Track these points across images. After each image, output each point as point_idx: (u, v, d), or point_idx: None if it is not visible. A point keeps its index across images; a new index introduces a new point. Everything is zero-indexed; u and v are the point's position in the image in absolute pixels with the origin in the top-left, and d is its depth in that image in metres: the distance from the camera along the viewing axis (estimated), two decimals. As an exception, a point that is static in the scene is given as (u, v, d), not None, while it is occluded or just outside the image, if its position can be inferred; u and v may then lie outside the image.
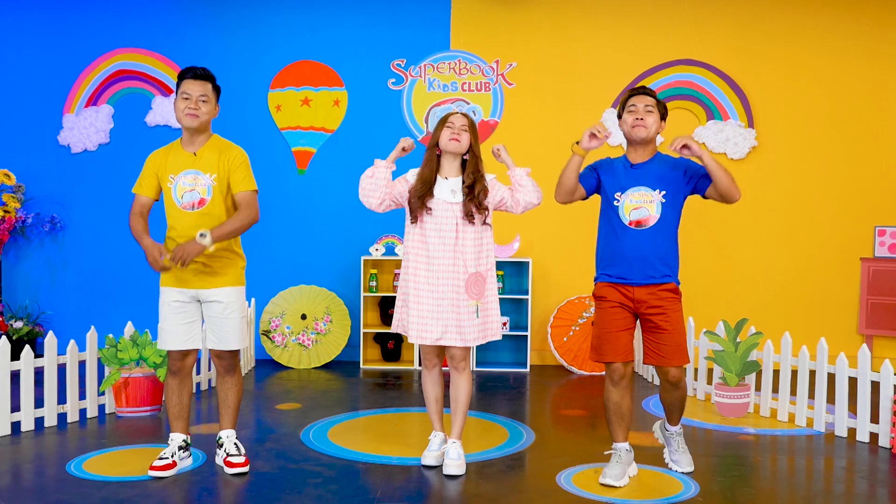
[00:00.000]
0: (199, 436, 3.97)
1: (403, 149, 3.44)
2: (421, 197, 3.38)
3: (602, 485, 3.28)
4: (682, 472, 3.44)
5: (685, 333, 3.26)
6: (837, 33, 6.27)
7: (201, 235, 3.16)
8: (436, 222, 3.38)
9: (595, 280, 3.40)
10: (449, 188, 3.40)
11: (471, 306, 3.36)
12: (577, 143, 3.22)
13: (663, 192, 3.22)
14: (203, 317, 3.42)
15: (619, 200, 3.26)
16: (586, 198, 3.40)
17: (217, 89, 3.36)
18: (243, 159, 3.34)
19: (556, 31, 6.36)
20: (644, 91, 3.32)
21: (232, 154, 3.33)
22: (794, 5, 6.29)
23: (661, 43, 6.32)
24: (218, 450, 3.52)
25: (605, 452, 3.53)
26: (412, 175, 3.48)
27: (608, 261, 3.30)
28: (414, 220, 3.42)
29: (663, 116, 3.33)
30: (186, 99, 3.26)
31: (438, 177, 3.42)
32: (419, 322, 3.38)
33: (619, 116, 3.36)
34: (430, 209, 3.37)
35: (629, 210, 3.24)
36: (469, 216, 3.36)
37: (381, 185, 3.39)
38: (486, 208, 3.41)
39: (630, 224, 3.23)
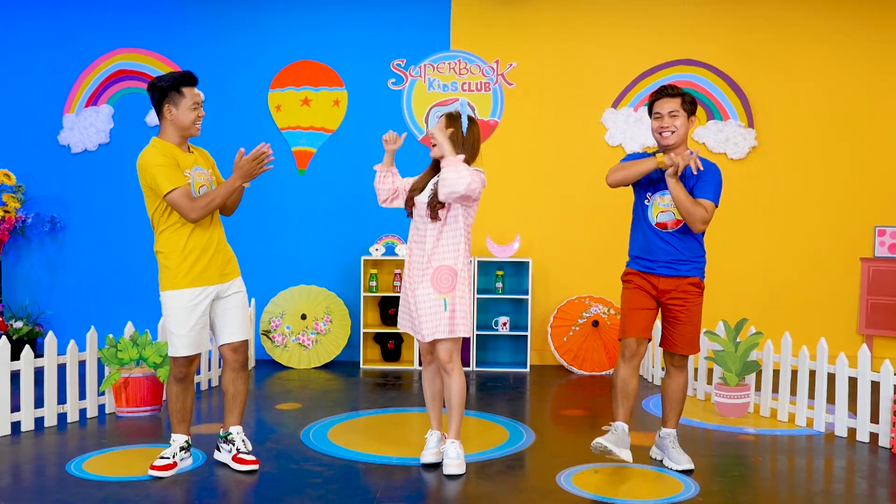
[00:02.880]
0: (199, 436, 3.97)
1: (387, 142, 3.56)
2: (410, 193, 3.53)
3: (594, 447, 3.23)
4: (682, 470, 3.43)
5: (700, 325, 3.48)
6: (837, 33, 6.27)
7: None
8: (415, 222, 3.51)
9: (626, 265, 3.56)
10: (429, 188, 3.48)
11: (438, 300, 3.37)
12: (663, 158, 3.24)
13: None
14: (215, 314, 3.41)
15: (649, 201, 3.40)
16: (628, 184, 3.47)
17: None
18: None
19: (556, 31, 6.36)
20: (668, 93, 3.35)
21: (206, 153, 3.54)
22: (795, 5, 6.29)
23: (661, 43, 6.32)
24: (223, 445, 3.51)
25: (604, 427, 3.50)
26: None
27: (637, 253, 3.48)
28: (409, 215, 3.56)
29: (692, 111, 3.38)
30: (196, 108, 3.31)
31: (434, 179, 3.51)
32: (401, 315, 3.58)
33: (650, 115, 3.46)
34: (415, 205, 3.49)
35: (657, 213, 3.38)
36: (432, 212, 3.37)
37: (384, 185, 3.58)
38: (442, 203, 3.36)
39: (657, 226, 3.38)
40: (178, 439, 3.44)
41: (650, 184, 3.40)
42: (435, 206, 3.36)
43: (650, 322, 3.43)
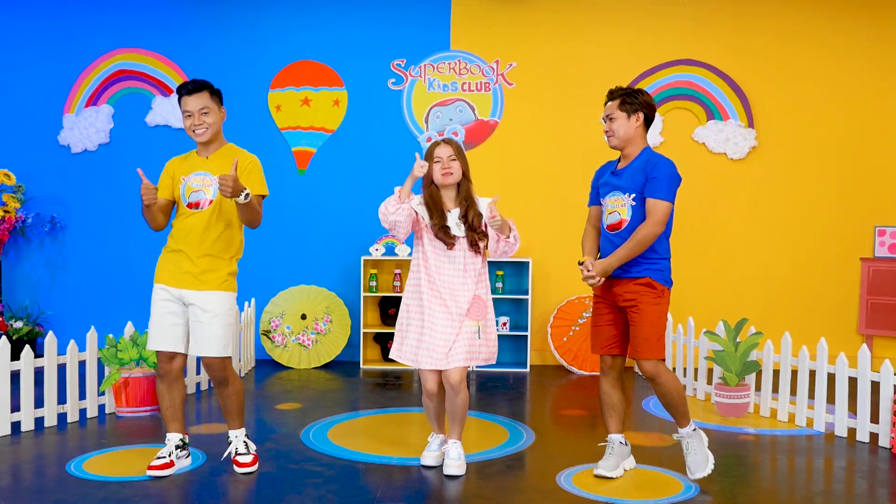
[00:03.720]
0: (199, 436, 3.97)
1: (414, 176, 3.28)
2: (445, 230, 3.34)
3: (596, 476, 3.33)
4: (694, 479, 3.35)
5: (659, 328, 3.20)
6: (837, 33, 6.27)
7: (245, 195, 3.16)
8: (448, 254, 3.37)
9: None
10: (454, 221, 3.38)
11: (472, 327, 3.35)
12: (581, 264, 3.32)
13: (633, 196, 3.24)
14: (190, 321, 3.38)
15: (602, 206, 3.38)
16: None
17: (217, 93, 3.37)
18: (256, 164, 3.37)
19: (556, 31, 6.36)
20: (608, 97, 3.34)
21: (246, 160, 3.35)
22: (795, 5, 6.29)
23: (661, 43, 6.32)
24: (229, 447, 3.53)
25: (600, 444, 3.55)
26: (416, 205, 3.40)
27: (601, 257, 3.41)
28: (446, 246, 3.37)
29: (638, 108, 3.25)
30: (189, 117, 3.30)
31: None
32: (429, 349, 3.32)
33: None
34: (453, 243, 3.35)
35: (607, 215, 3.34)
36: (475, 246, 3.37)
37: (405, 221, 3.33)
38: (486, 234, 3.39)
39: (607, 228, 3.33)
40: (173, 438, 3.43)
41: (603, 191, 3.37)
42: (477, 241, 3.37)
43: (615, 337, 3.34)
